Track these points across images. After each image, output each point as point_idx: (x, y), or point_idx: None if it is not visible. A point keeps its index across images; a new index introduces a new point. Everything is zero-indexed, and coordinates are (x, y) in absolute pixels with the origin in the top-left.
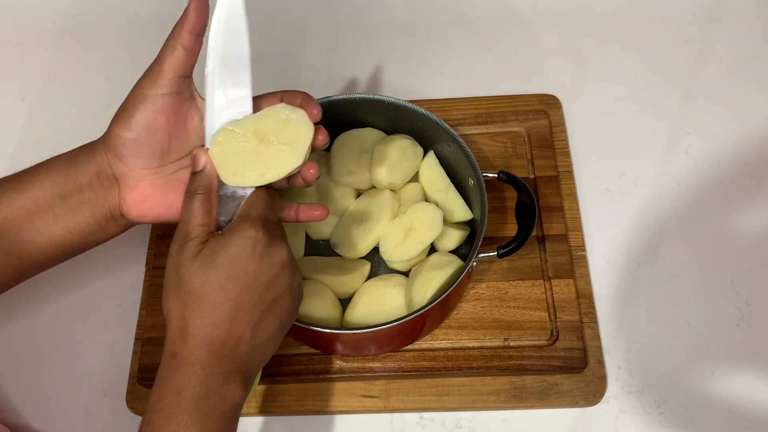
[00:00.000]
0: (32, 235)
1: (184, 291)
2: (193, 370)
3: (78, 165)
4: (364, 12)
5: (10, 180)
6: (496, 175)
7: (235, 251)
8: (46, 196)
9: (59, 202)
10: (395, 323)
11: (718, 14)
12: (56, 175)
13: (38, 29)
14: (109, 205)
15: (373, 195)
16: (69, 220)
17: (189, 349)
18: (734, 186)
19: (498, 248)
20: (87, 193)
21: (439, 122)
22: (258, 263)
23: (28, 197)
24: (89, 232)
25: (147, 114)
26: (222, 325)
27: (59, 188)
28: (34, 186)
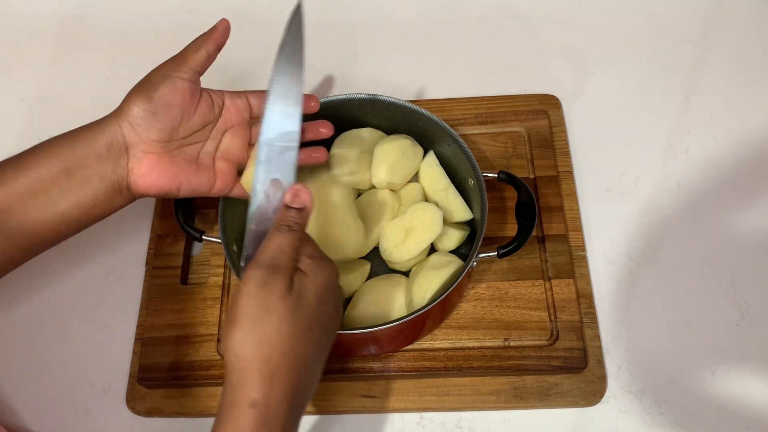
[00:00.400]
0: (37, 212)
1: (273, 330)
2: (276, 422)
3: (84, 140)
4: (364, 12)
5: (12, 160)
6: (496, 175)
7: (322, 292)
8: (50, 172)
9: (64, 178)
10: (395, 323)
11: (718, 14)
12: (60, 152)
13: (38, 29)
14: (117, 176)
15: (373, 195)
16: (74, 194)
17: (276, 400)
18: (734, 186)
19: (498, 248)
20: (94, 166)
21: (439, 122)
22: (335, 303)
23: (31, 175)
24: (94, 205)
25: (167, 90)
26: (304, 372)
27: (63, 164)
28: (37, 163)
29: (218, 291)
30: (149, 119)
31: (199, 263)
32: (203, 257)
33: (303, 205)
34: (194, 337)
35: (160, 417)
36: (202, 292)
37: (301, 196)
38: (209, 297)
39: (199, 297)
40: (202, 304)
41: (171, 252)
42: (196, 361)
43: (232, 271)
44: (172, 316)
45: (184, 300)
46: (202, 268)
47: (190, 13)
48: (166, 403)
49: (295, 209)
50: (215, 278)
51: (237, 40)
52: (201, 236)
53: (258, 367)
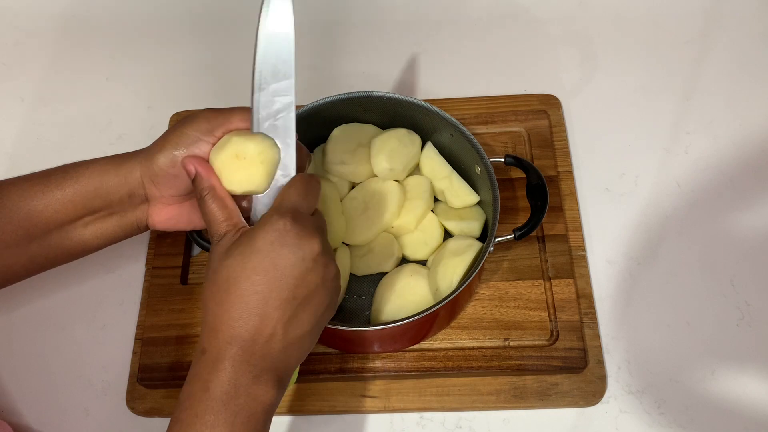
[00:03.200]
0: (61, 239)
1: (214, 284)
2: (221, 366)
3: (109, 184)
4: (364, 12)
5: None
6: (503, 159)
7: (262, 243)
8: (76, 208)
9: (88, 214)
10: (435, 308)
11: (718, 14)
12: (87, 191)
13: (38, 29)
14: (136, 218)
15: (377, 184)
16: (97, 227)
17: (218, 345)
18: (734, 186)
19: (514, 230)
20: (116, 207)
21: (439, 113)
22: (287, 256)
23: (59, 209)
24: (114, 237)
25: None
26: (250, 320)
27: (90, 203)
28: (65, 198)
29: None
30: (171, 179)
31: (199, 263)
32: (203, 257)
33: (194, 174)
34: (194, 337)
35: (160, 417)
36: (202, 292)
37: (188, 169)
38: None
39: (199, 297)
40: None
41: (171, 252)
42: None
43: None
44: (172, 316)
45: (184, 300)
46: (202, 268)
47: (190, 13)
48: (166, 403)
49: (195, 179)
50: None
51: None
52: None
53: (205, 318)
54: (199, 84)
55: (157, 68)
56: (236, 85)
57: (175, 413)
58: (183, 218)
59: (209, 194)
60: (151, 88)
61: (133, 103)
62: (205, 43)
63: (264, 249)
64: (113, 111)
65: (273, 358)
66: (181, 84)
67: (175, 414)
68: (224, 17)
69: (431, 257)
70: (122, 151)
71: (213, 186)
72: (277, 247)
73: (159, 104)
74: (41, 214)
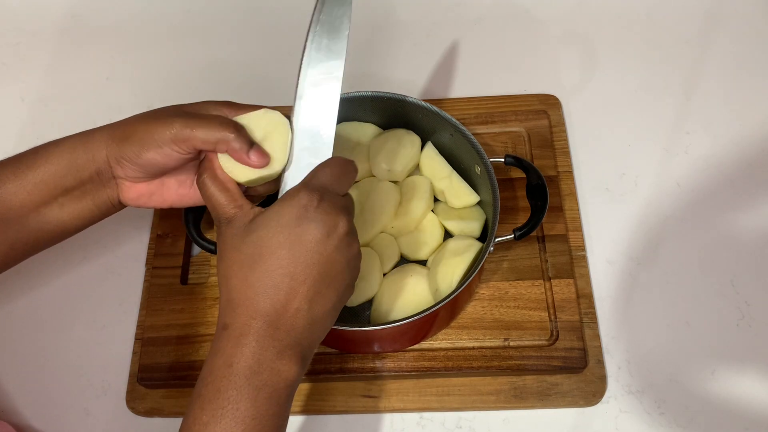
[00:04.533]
0: (39, 222)
1: (235, 261)
2: (245, 341)
3: (78, 162)
4: (364, 12)
5: (9, 168)
6: (503, 159)
7: (288, 219)
8: (48, 188)
9: (62, 194)
10: (435, 308)
11: (718, 14)
12: (57, 169)
13: (38, 29)
14: (108, 196)
15: (374, 184)
16: (73, 207)
17: (241, 320)
18: (734, 186)
19: (514, 230)
20: (88, 185)
21: (439, 113)
22: (312, 232)
23: (32, 190)
24: (91, 217)
25: (157, 156)
26: (276, 295)
27: (62, 182)
28: (37, 178)
29: (218, 291)
30: (135, 171)
31: (199, 263)
32: (203, 257)
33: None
34: (194, 337)
35: (160, 417)
36: (202, 292)
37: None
38: (209, 297)
39: (199, 297)
40: (202, 304)
41: (171, 252)
42: (196, 361)
43: None
44: (172, 316)
45: (184, 300)
46: (202, 268)
47: (190, 13)
48: (166, 403)
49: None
50: (215, 278)
51: (237, 40)
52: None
53: (226, 294)
54: (199, 84)
55: (157, 68)
56: (236, 84)
57: (196, 389)
58: (154, 196)
59: (208, 177)
60: (151, 88)
61: (133, 103)
62: (205, 43)
63: (290, 224)
64: (113, 111)
65: (297, 333)
66: (181, 84)
67: (197, 389)
68: (224, 17)
69: (431, 257)
70: None
71: (214, 167)
72: (303, 222)
73: (159, 104)
74: (15, 197)
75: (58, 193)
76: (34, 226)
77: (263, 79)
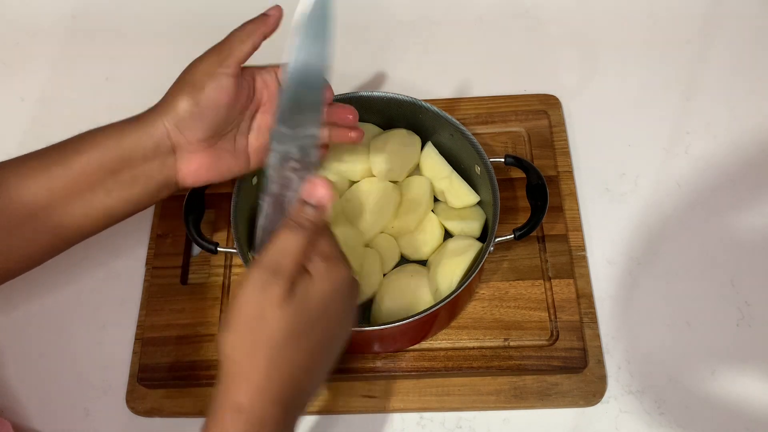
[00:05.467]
0: (82, 209)
1: (265, 336)
2: (264, 427)
3: (130, 139)
4: (364, 12)
5: (57, 153)
6: (503, 160)
7: (329, 298)
8: (96, 173)
9: (110, 178)
10: (435, 308)
11: (718, 14)
12: (106, 151)
13: (38, 29)
14: (164, 175)
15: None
16: (121, 192)
17: (263, 406)
18: (734, 186)
19: (514, 230)
20: (141, 166)
21: (439, 113)
22: (343, 308)
23: (77, 174)
24: (140, 201)
25: (214, 92)
26: (298, 378)
27: (110, 165)
28: (83, 162)
29: (218, 291)
30: (196, 121)
31: (199, 263)
32: (203, 257)
33: (319, 202)
34: (194, 337)
35: (160, 417)
36: (202, 292)
37: (317, 192)
38: (209, 297)
39: (199, 297)
40: (202, 304)
41: (171, 252)
42: (196, 361)
43: (232, 271)
44: (172, 316)
45: (184, 300)
46: (202, 268)
47: (190, 13)
48: (166, 403)
49: (312, 205)
50: (215, 278)
51: None
52: (216, 248)
53: (247, 372)
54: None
55: (157, 68)
56: None
57: None
58: (213, 167)
59: (313, 231)
60: (151, 88)
61: (133, 103)
62: (205, 43)
63: (329, 304)
64: (113, 111)
65: (300, 411)
66: None
67: None
68: (224, 17)
69: (431, 257)
70: None
71: (324, 227)
72: (340, 300)
73: None
74: (60, 183)
75: (106, 177)
76: (80, 211)
77: None
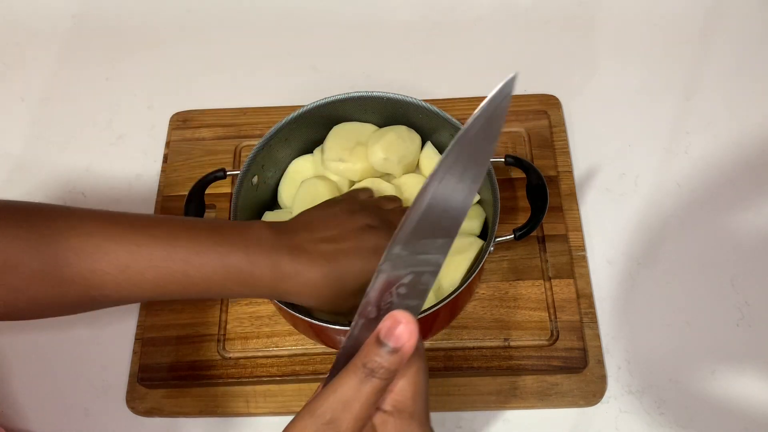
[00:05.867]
0: (146, 294)
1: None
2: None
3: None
4: (364, 12)
5: (171, 240)
6: (503, 160)
7: None
8: (194, 285)
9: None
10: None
11: (718, 14)
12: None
13: (38, 29)
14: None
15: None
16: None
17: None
18: (734, 186)
19: (514, 230)
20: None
21: (439, 113)
22: None
23: (174, 279)
24: None
25: None
26: None
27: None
28: (190, 275)
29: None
30: None
31: None
32: None
33: (398, 346)
34: (194, 337)
35: (159, 417)
36: None
37: (397, 332)
38: None
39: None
40: (202, 304)
41: None
42: (196, 361)
43: None
44: (172, 316)
45: (184, 300)
46: None
47: (190, 13)
48: (166, 403)
49: (389, 348)
50: None
51: (238, 41)
52: None
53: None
54: (199, 84)
55: (157, 68)
56: (236, 84)
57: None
58: None
59: (385, 381)
60: (151, 88)
61: (133, 103)
62: (205, 43)
63: None
64: (113, 111)
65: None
66: (181, 84)
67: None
68: (224, 17)
69: None
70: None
71: (397, 373)
72: None
73: (159, 104)
74: (149, 272)
75: (202, 291)
76: (137, 297)
77: (264, 80)
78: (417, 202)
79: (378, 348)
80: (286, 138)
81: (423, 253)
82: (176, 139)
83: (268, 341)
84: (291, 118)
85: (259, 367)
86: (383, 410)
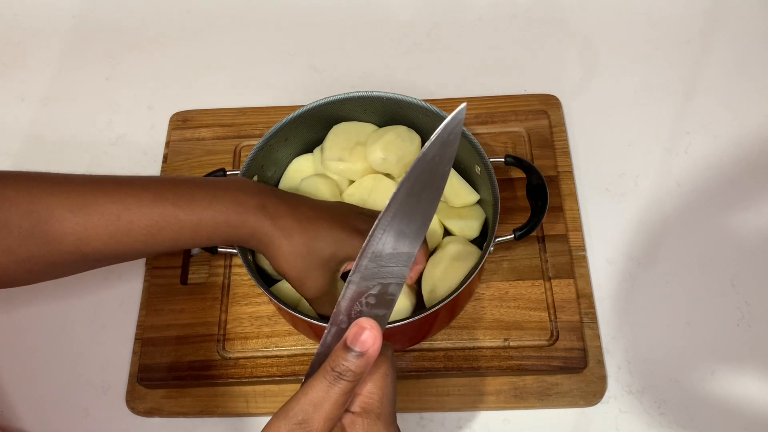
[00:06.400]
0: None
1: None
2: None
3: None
4: (364, 12)
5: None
6: (503, 160)
7: None
8: (182, 235)
9: (191, 240)
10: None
11: (718, 14)
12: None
13: (38, 29)
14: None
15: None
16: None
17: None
18: (734, 186)
19: (514, 230)
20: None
21: (439, 113)
22: None
23: (163, 231)
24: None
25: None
26: None
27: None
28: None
29: (218, 291)
30: None
31: (199, 263)
32: (203, 257)
33: (363, 350)
34: (194, 337)
35: (159, 417)
36: (202, 292)
37: (362, 338)
38: (209, 297)
39: (199, 297)
40: (202, 304)
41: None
42: (196, 361)
43: (232, 271)
44: (172, 316)
45: (184, 300)
46: (202, 268)
47: (190, 13)
48: (166, 403)
49: (356, 353)
50: (215, 278)
51: (238, 41)
52: (216, 248)
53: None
54: (199, 84)
55: (157, 68)
56: (236, 84)
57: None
58: None
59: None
60: (151, 88)
61: (133, 103)
62: (205, 43)
63: None
64: (113, 111)
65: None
66: (181, 84)
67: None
68: (224, 17)
69: (431, 258)
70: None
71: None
72: None
73: (159, 104)
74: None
75: (188, 240)
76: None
77: (264, 80)
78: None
79: (345, 353)
80: (285, 138)
81: (389, 266)
82: (176, 139)
83: (268, 341)
84: (291, 118)
85: (259, 367)
86: (352, 412)
